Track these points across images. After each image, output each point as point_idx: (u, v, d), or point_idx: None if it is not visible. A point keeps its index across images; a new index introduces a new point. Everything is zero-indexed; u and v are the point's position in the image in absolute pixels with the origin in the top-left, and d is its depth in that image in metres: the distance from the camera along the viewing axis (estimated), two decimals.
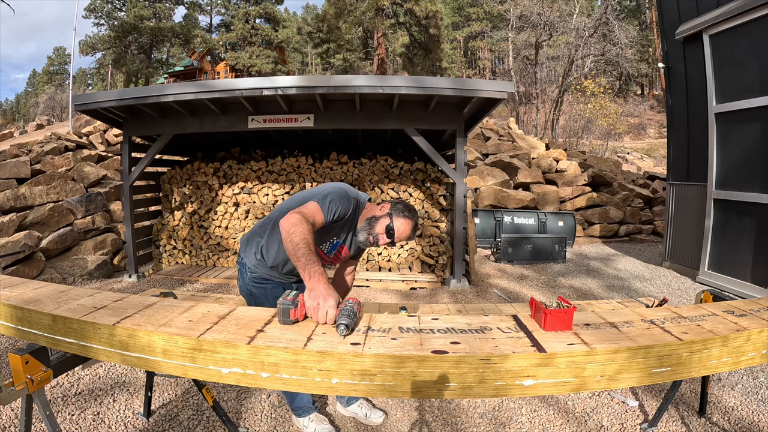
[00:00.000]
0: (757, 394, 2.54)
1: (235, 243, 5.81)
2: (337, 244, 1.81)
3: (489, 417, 2.29)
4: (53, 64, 44.42)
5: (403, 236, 1.71)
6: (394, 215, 1.69)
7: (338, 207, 1.63)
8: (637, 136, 25.78)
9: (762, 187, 4.53)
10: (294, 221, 1.42)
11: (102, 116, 5.15)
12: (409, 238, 1.74)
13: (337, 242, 1.81)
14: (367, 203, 1.82)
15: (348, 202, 1.68)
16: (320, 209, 1.58)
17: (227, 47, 32.52)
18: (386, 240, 1.69)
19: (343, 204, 1.65)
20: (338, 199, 1.64)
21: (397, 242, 1.72)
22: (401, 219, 1.69)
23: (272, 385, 1.02)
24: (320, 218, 1.58)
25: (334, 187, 1.71)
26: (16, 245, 4.52)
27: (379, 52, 23.61)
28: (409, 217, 1.70)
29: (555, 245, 6.60)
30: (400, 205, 1.73)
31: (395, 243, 1.71)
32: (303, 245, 1.35)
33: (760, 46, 4.43)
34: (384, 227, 1.68)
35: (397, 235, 1.69)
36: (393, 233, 1.67)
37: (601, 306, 3.20)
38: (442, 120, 4.89)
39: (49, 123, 19.31)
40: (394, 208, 1.71)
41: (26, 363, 1.25)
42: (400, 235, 1.70)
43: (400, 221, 1.68)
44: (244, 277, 1.95)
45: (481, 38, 37.37)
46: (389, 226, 1.67)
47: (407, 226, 1.70)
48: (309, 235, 1.40)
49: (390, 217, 1.69)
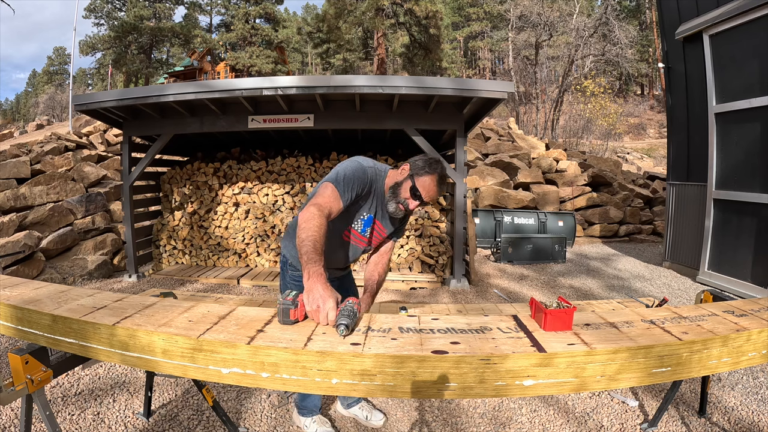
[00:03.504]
0: (757, 394, 2.54)
1: (235, 243, 5.81)
2: (369, 220, 1.71)
3: (489, 417, 2.29)
4: (53, 64, 44.44)
5: (431, 193, 1.61)
6: (415, 176, 1.60)
7: (353, 184, 1.54)
8: (637, 136, 25.78)
9: (762, 187, 4.52)
10: (307, 216, 1.37)
11: (102, 116, 5.15)
12: (439, 193, 1.64)
13: (369, 217, 1.70)
14: (390, 170, 1.71)
15: (364, 174, 1.59)
16: (336, 193, 1.50)
17: (227, 47, 32.55)
18: (415, 203, 1.61)
19: (358, 179, 1.56)
20: (352, 176, 1.55)
21: (428, 200, 1.62)
22: (423, 177, 1.59)
23: (272, 385, 1.02)
24: (336, 204, 1.50)
25: (348, 162, 1.62)
26: (16, 245, 4.52)
27: (379, 52, 23.61)
28: (431, 171, 1.59)
29: (555, 245, 6.60)
30: (420, 161, 1.62)
31: (426, 202, 1.63)
32: (308, 242, 1.30)
33: (760, 46, 4.43)
34: (408, 190, 1.60)
35: (424, 195, 1.60)
36: (419, 194, 1.59)
37: (601, 306, 3.20)
38: (442, 120, 4.89)
39: (49, 123, 19.33)
40: (413, 167, 1.61)
41: (26, 363, 1.25)
42: (429, 193, 1.60)
43: (422, 180, 1.59)
44: (285, 277, 1.85)
45: (481, 38, 37.38)
46: (413, 187, 1.59)
47: (432, 181, 1.59)
48: (317, 232, 1.33)
49: (411, 179, 1.60)
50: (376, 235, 1.77)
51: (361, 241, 1.75)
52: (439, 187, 1.62)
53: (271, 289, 4.92)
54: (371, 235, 1.75)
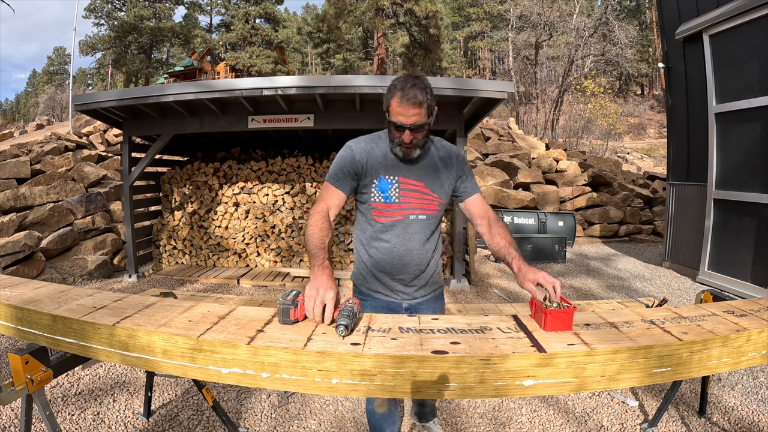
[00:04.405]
0: (757, 394, 2.54)
1: (235, 243, 5.81)
2: (383, 182, 1.47)
3: (489, 417, 2.29)
4: (53, 64, 44.44)
5: (409, 113, 1.33)
6: (385, 110, 1.41)
7: (341, 166, 1.45)
8: (637, 136, 25.78)
9: (762, 187, 4.52)
10: (310, 214, 1.41)
11: (102, 116, 5.15)
12: (411, 102, 1.32)
13: (380, 179, 1.47)
14: None
15: (349, 151, 1.47)
16: (328, 185, 1.47)
17: (227, 47, 32.54)
18: (399, 133, 1.38)
19: (343, 159, 1.46)
20: (339, 161, 1.47)
21: (410, 123, 1.35)
22: (389, 104, 1.37)
23: (272, 385, 1.02)
24: (332, 196, 1.44)
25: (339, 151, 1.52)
26: (16, 245, 4.52)
27: (379, 52, 23.61)
28: (391, 92, 1.37)
29: (555, 245, 6.60)
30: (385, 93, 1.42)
31: (410, 127, 1.36)
32: (309, 242, 1.34)
33: (760, 46, 4.43)
34: (389, 126, 1.41)
35: (402, 120, 1.35)
36: (396, 123, 1.36)
37: (601, 306, 3.21)
38: (442, 120, 4.86)
39: (49, 123, 19.33)
40: (383, 99, 1.42)
41: (26, 363, 1.25)
42: (399, 115, 1.35)
43: (390, 107, 1.37)
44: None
45: (481, 38, 37.37)
46: (388, 120, 1.40)
47: (395, 100, 1.34)
48: (313, 228, 1.34)
49: (385, 113, 1.41)
50: (411, 194, 1.48)
51: (395, 210, 1.48)
52: (404, 100, 1.33)
53: (270, 289, 4.92)
54: (400, 195, 1.47)
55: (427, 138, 1.47)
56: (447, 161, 1.53)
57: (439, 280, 1.66)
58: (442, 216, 1.59)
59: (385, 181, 1.47)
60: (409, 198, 1.48)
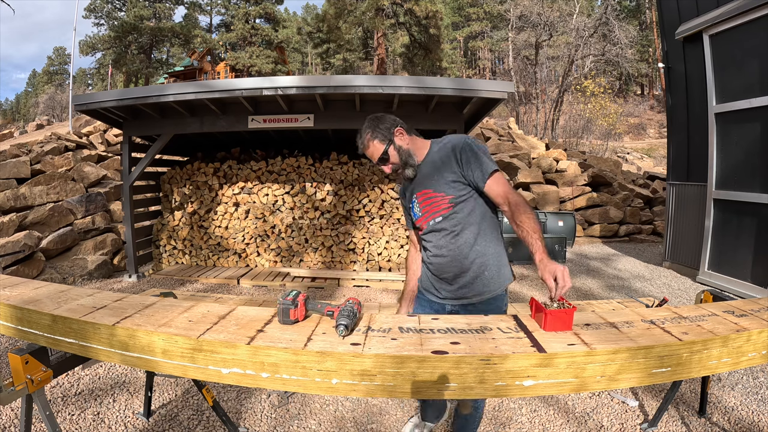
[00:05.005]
0: (757, 394, 2.54)
1: (235, 243, 5.81)
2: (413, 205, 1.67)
3: (489, 417, 2.29)
4: (53, 64, 44.42)
5: (369, 155, 1.59)
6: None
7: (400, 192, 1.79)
8: (637, 136, 25.78)
9: (762, 187, 4.52)
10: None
11: (102, 116, 5.15)
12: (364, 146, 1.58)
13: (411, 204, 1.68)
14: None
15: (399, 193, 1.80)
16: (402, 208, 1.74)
17: (227, 47, 32.54)
18: (384, 167, 1.61)
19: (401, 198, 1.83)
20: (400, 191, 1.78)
21: (375, 161, 1.60)
22: (363, 144, 1.59)
23: (272, 385, 1.02)
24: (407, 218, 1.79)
25: None
26: (16, 245, 4.52)
27: (379, 52, 23.61)
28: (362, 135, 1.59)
29: (555, 245, 6.60)
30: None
31: (378, 164, 1.60)
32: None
33: (760, 46, 4.43)
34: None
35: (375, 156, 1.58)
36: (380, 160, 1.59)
37: (601, 306, 3.21)
38: (442, 120, 4.89)
39: (49, 123, 19.32)
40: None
41: (26, 363, 1.25)
42: (372, 153, 1.58)
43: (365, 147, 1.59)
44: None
45: (481, 38, 37.37)
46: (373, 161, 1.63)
47: (364, 142, 1.58)
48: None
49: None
50: (425, 202, 1.61)
51: (422, 221, 1.63)
52: (359, 148, 1.61)
53: (270, 289, 4.92)
54: (421, 207, 1.62)
55: (408, 157, 1.60)
56: (445, 156, 1.58)
57: (494, 281, 1.58)
58: (465, 209, 1.56)
59: (411, 201, 1.68)
60: (425, 206, 1.62)
